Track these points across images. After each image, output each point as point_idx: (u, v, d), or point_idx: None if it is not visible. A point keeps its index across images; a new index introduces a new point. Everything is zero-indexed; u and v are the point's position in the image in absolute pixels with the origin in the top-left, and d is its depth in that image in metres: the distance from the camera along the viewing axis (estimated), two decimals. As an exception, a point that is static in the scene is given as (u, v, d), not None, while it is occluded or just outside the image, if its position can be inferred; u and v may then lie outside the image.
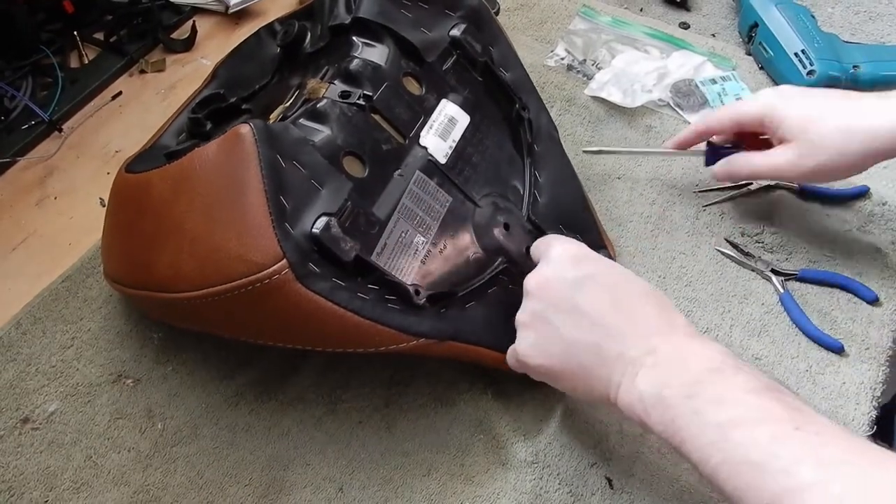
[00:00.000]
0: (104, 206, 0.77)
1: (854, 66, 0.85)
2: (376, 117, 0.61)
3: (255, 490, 0.59)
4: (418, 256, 0.58)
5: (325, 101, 0.59)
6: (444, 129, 0.64)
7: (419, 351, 0.56)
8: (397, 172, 0.60)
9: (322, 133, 0.57)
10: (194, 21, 0.94)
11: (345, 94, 0.60)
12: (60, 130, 0.83)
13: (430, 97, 0.65)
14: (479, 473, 0.61)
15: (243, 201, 0.51)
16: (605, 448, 0.62)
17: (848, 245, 0.75)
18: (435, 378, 0.65)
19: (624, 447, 0.62)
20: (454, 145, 0.64)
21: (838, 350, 0.68)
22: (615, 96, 0.86)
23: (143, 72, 0.90)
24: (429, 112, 0.64)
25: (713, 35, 0.96)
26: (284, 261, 0.49)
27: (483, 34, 0.71)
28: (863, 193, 0.79)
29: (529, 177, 0.69)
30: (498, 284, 0.61)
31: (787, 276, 0.72)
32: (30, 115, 0.82)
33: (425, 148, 0.62)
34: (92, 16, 0.91)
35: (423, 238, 0.59)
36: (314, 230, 0.52)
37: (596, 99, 0.87)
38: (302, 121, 0.58)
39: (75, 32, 0.90)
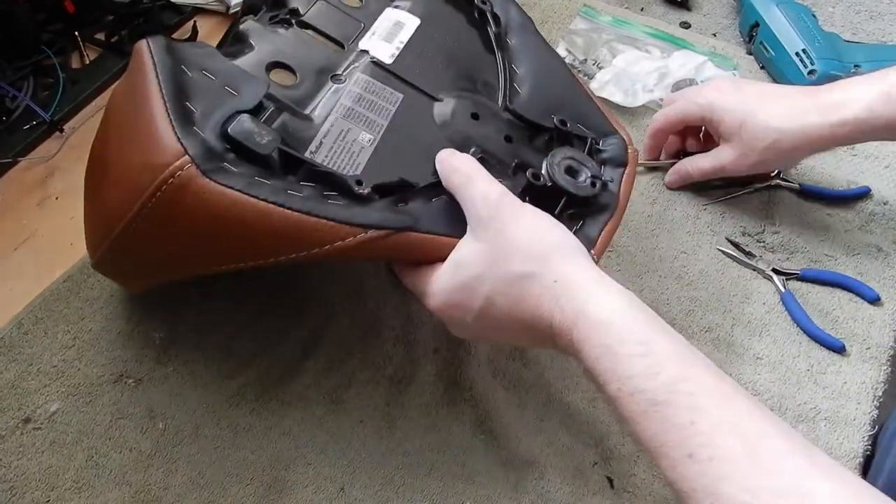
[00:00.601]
0: (105, 206, 0.77)
1: (855, 66, 0.85)
2: (309, 32, 0.60)
3: (256, 490, 0.59)
4: (365, 153, 0.55)
5: (246, 21, 0.58)
6: (389, 33, 0.63)
7: (371, 251, 0.51)
8: (333, 76, 0.58)
9: (247, 53, 0.57)
10: (195, 21, 0.94)
11: (273, 18, 0.60)
12: (62, 131, 0.83)
13: (371, 6, 0.64)
14: (480, 473, 0.61)
15: (144, 112, 0.49)
16: (606, 448, 0.62)
17: (849, 244, 0.75)
18: (436, 377, 0.65)
19: (625, 447, 0.62)
20: (401, 46, 0.62)
21: (840, 349, 0.68)
22: (616, 96, 0.85)
23: (144, 72, 0.90)
24: (371, 20, 0.63)
25: (714, 35, 0.96)
26: (186, 157, 0.47)
27: None
28: (864, 194, 0.79)
29: (504, 70, 0.66)
30: None
31: (789, 276, 0.72)
32: (31, 116, 0.82)
33: (366, 51, 0.61)
34: (93, 16, 0.91)
35: (369, 135, 0.56)
36: (224, 129, 0.49)
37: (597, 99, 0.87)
38: (226, 47, 0.57)
39: (76, 33, 0.89)
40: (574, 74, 0.67)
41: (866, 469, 0.64)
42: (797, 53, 0.85)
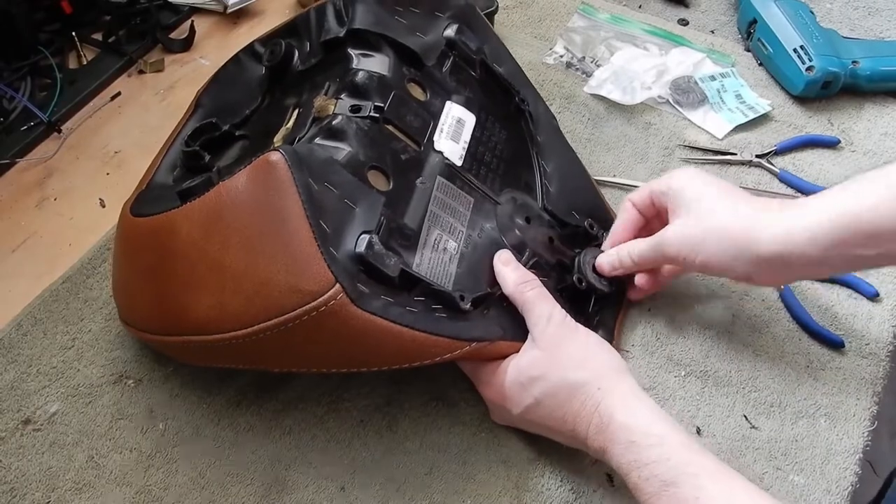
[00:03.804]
0: (104, 206, 0.77)
1: (853, 62, 0.85)
2: (390, 128, 0.60)
3: (256, 490, 0.59)
4: (454, 262, 0.58)
5: (339, 117, 0.58)
6: (455, 131, 0.64)
7: (471, 356, 0.57)
8: (419, 181, 0.59)
9: (343, 150, 0.56)
10: (193, 21, 0.94)
11: (355, 108, 0.59)
12: (59, 131, 0.83)
13: (434, 101, 0.65)
14: (480, 472, 0.61)
15: (286, 230, 0.50)
16: (607, 445, 0.62)
17: (848, 241, 0.75)
18: (436, 377, 0.65)
19: (625, 444, 0.62)
20: (466, 146, 0.64)
21: (839, 346, 0.68)
22: (614, 94, 0.85)
23: (141, 72, 0.90)
24: (436, 116, 0.64)
25: (712, 31, 0.96)
26: (338, 285, 0.49)
27: (475, 32, 0.71)
28: None
29: (538, 168, 0.69)
30: None
31: (788, 273, 0.72)
32: (29, 117, 0.82)
33: (441, 152, 0.62)
34: (90, 16, 0.91)
35: (454, 243, 0.59)
36: (358, 250, 0.51)
37: (595, 96, 0.87)
38: (319, 140, 0.57)
39: (74, 33, 0.89)
40: (586, 171, 0.72)
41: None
42: (795, 50, 0.85)
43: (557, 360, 0.57)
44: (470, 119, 0.65)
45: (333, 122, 0.58)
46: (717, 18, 0.98)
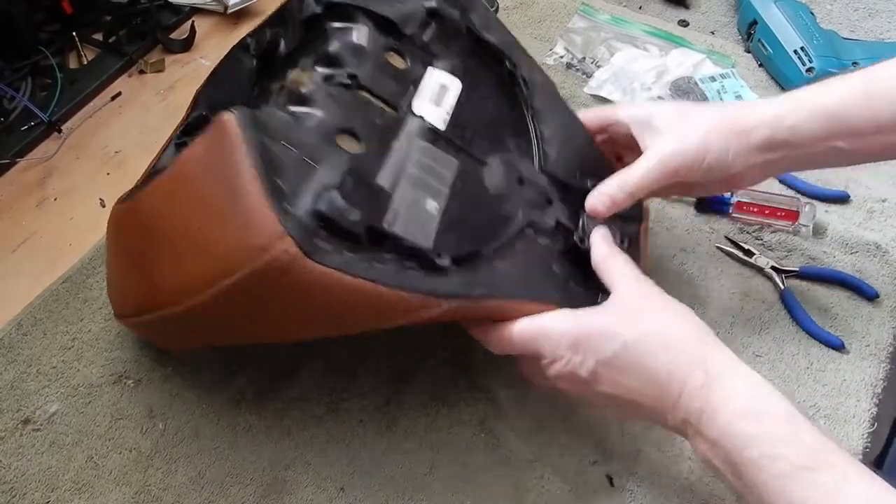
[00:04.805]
0: (104, 206, 0.77)
1: (853, 63, 0.85)
2: (365, 94, 0.59)
3: (256, 490, 0.59)
4: (433, 222, 0.56)
5: (310, 85, 0.58)
6: (437, 95, 0.63)
7: (452, 317, 0.54)
8: (395, 143, 0.58)
9: (313, 116, 0.56)
10: (193, 21, 0.94)
11: (328, 77, 0.59)
12: (60, 131, 0.83)
13: (416, 68, 0.64)
14: (480, 472, 0.61)
15: (237, 187, 0.49)
16: (606, 446, 0.62)
17: (848, 242, 0.75)
18: (436, 376, 0.65)
19: (625, 445, 0.62)
20: (450, 111, 0.63)
21: (839, 347, 0.68)
22: (615, 94, 0.86)
23: (142, 72, 0.90)
24: (417, 83, 0.63)
25: (712, 32, 0.96)
26: (288, 238, 0.47)
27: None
28: (842, 198, 0.78)
29: (535, 132, 0.67)
30: (525, 239, 0.60)
31: (788, 274, 0.72)
32: (29, 116, 0.82)
33: (421, 116, 0.61)
34: (91, 16, 0.91)
35: (435, 203, 0.57)
36: (317, 206, 0.50)
37: (595, 97, 0.87)
38: (289, 107, 0.56)
39: (74, 33, 0.89)
40: (587, 131, 0.69)
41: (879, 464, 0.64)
42: (795, 51, 0.85)
43: (647, 312, 0.53)
44: (455, 85, 0.64)
45: (303, 90, 0.57)
46: (718, 19, 0.98)
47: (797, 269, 0.72)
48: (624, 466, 0.61)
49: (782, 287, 0.71)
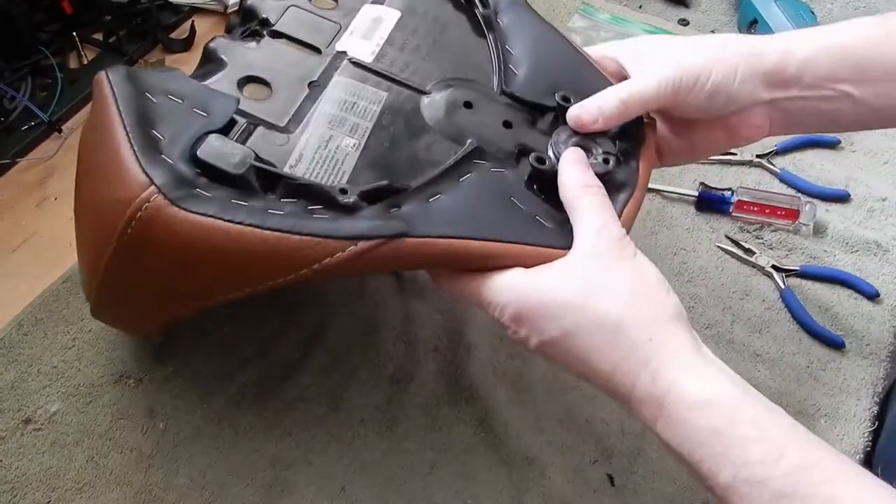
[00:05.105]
0: (104, 206, 0.77)
1: (854, 62, 0.84)
2: (281, 41, 0.58)
3: (257, 490, 0.59)
4: (350, 160, 0.52)
5: (213, 41, 0.57)
6: (368, 29, 0.60)
7: (366, 263, 0.47)
8: (311, 83, 0.56)
9: (218, 70, 0.55)
10: (193, 21, 0.93)
11: (244, 32, 0.58)
12: (60, 131, 0.83)
13: (346, 6, 0.62)
14: (481, 471, 0.61)
15: (107, 146, 0.47)
16: (607, 445, 0.62)
17: (848, 241, 0.75)
18: (437, 376, 0.65)
19: (625, 444, 0.62)
20: (382, 42, 0.60)
21: (839, 346, 0.68)
22: (615, 93, 0.85)
23: (142, 72, 0.90)
24: (348, 21, 0.61)
25: (712, 31, 0.96)
26: (152, 187, 0.45)
27: None
28: (842, 197, 0.78)
29: (497, 53, 0.61)
30: (474, 170, 0.53)
31: (788, 273, 0.72)
32: (29, 116, 0.82)
33: (344, 52, 0.59)
34: (91, 16, 0.91)
35: (353, 140, 0.53)
36: (193, 152, 0.47)
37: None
38: (195, 70, 0.56)
39: (74, 33, 0.89)
40: (576, 45, 0.62)
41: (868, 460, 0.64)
42: (795, 50, 0.85)
43: (598, 288, 0.46)
44: (391, 15, 0.62)
45: (209, 45, 0.57)
46: (718, 18, 0.98)
47: (797, 268, 0.72)
48: (624, 465, 0.61)
49: (782, 286, 0.71)
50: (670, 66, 0.53)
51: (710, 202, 0.77)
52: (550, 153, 0.54)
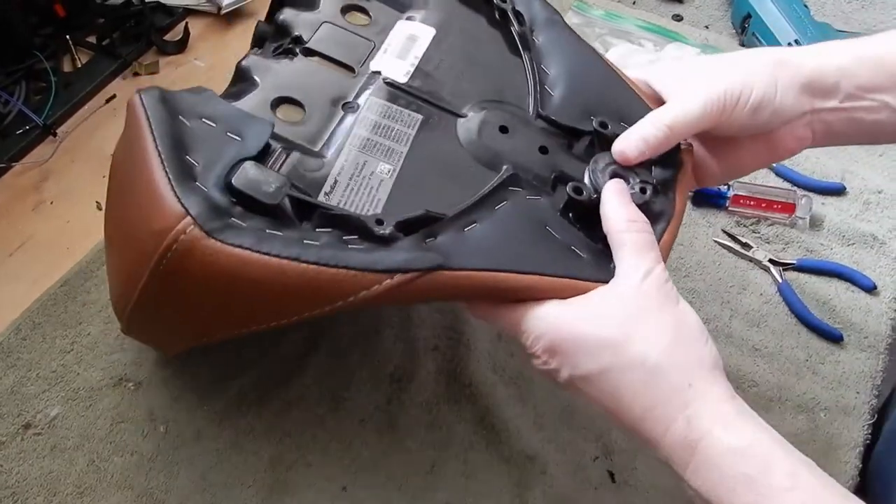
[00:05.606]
0: (100, 209, 0.77)
1: (848, 55, 0.85)
2: (315, 59, 0.57)
3: (258, 491, 0.59)
4: (385, 187, 0.51)
5: (246, 59, 0.55)
6: (402, 48, 0.58)
7: (402, 296, 0.46)
8: (345, 105, 0.55)
9: (249, 90, 0.54)
10: (187, 23, 0.93)
11: (276, 49, 0.57)
12: (55, 135, 0.82)
13: (380, 23, 0.60)
14: (481, 469, 0.61)
15: (142, 173, 0.46)
16: (607, 442, 0.62)
17: (845, 233, 0.75)
18: (437, 375, 0.65)
19: (625, 441, 0.62)
20: (416, 61, 0.58)
21: (838, 339, 0.68)
22: (610, 90, 0.85)
23: (136, 74, 0.89)
24: (382, 39, 0.59)
25: (706, 27, 0.96)
26: (188, 218, 0.44)
27: None
28: (837, 190, 0.79)
29: (532, 73, 0.60)
30: (510, 197, 0.52)
31: (786, 266, 0.72)
32: (24, 120, 0.81)
33: (378, 72, 0.57)
34: (84, 19, 0.91)
35: (388, 166, 0.52)
36: (228, 180, 0.46)
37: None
38: (227, 89, 0.55)
39: (67, 36, 0.89)
40: (613, 66, 0.60)
41: (867, 458, 0.64)
42: (789, 44, 0.85)
43: (641, 330, 0.45)
44: (426, 33, 0.60)
45: (241, 63, 0.55)
46: (712, 13, 0.98)
47: (794, 261, 0.73)
48: (625, 462, 0.61)
49: (780, 280, 0.71)
50: (711, 84, 0.52)
51: (707, 197, 0.77)
52: (587, 181, 0.52)
